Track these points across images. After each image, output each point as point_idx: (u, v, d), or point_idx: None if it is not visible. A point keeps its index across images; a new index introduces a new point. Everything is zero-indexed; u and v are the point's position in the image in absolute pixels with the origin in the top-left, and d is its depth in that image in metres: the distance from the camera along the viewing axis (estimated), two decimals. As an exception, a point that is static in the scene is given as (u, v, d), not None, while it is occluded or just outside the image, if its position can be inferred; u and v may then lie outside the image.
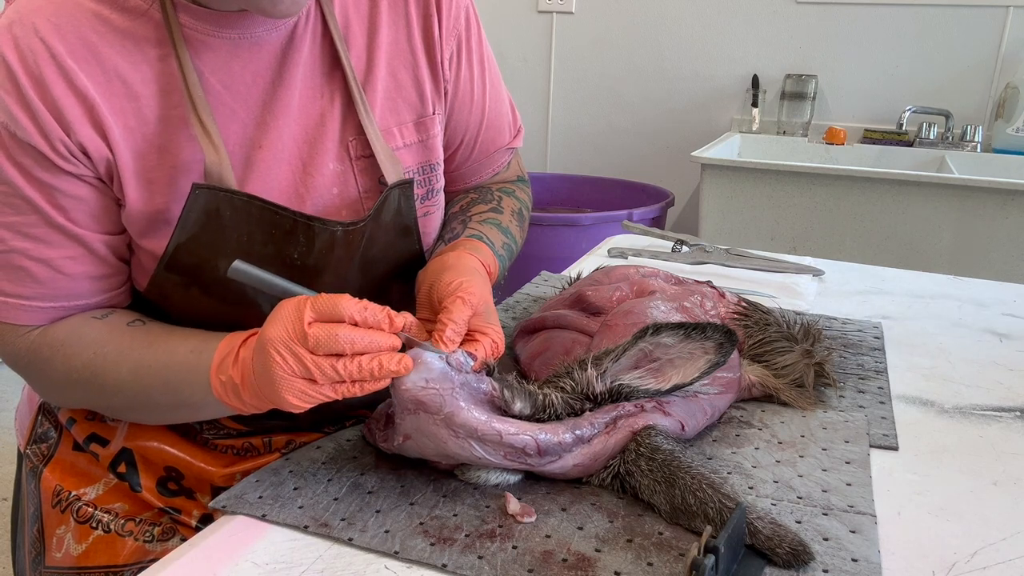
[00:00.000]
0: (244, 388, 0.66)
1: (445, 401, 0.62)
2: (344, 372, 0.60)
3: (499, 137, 0.96)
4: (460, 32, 0.85)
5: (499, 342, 0.70)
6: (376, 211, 0.77)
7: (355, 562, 0.60)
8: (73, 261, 0.73)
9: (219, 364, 0.68)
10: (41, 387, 0.81)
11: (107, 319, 0.76)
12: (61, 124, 0.67)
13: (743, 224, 2.21)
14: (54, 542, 0.86)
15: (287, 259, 0.74)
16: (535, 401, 0.67)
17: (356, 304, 0.61)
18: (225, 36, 0.72)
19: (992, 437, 0.81)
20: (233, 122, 0.74)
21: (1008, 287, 1.28)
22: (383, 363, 0.60)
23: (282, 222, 0.72)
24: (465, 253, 0.80)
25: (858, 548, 0.61)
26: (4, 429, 2.54)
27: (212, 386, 0.68)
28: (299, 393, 0.61)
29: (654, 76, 2.95)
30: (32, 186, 0.69)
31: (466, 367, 0.64)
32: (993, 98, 2.54)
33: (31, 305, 0.74)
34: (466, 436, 0.62)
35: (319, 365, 0.60)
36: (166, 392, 0.72)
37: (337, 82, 0.78)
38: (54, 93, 0.67)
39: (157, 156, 0.72)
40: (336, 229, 0.74)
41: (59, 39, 0.67)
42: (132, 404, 0.77)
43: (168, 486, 0.86)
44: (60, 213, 0.71)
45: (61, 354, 0.75)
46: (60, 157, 0.68)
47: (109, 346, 0.74)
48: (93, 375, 0.74)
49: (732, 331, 0.72)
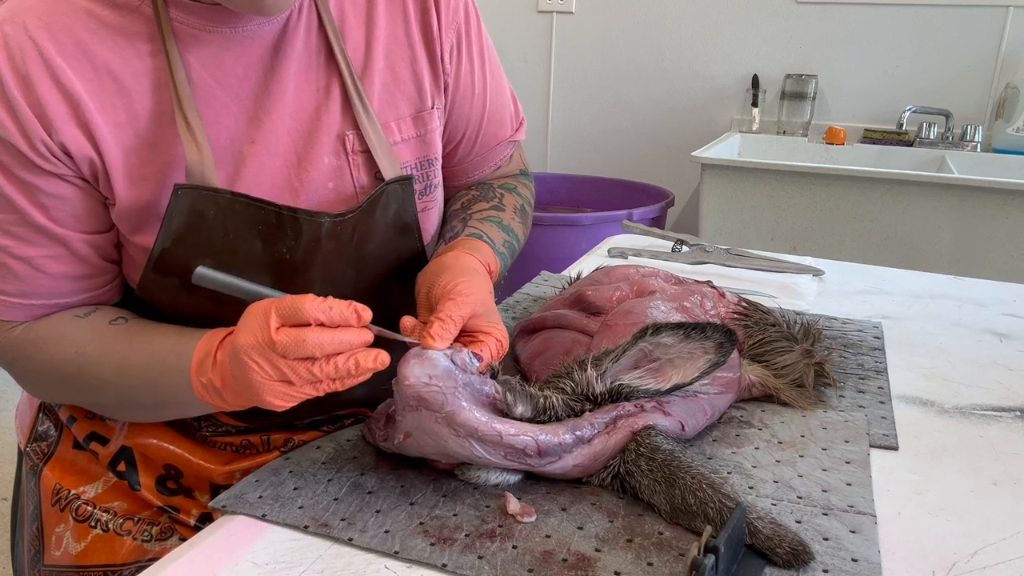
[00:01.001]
0: (225, 390, 0.66)
1: (447, 399, 0.61)
2: (321, 374, 0.60)
3: (501, 130, 0.95)
4: (459, 25, 0.85)
5: (503, 342, 0.70)
6: (369, 205, 0.76)
7: (355, 562, 0.59)
8: (53, 260, 0.73)
9: (198, 366, 0.68)
10: (26, 383, 0.82)
11: (89, 317, 0.76)
12: (43, 123, 0.67)
13: (743, 224, 2.20)
14: (53, 540, 0.86)
15: (276, 255, 0.74)
16: (536, 404, 0.67)
17: (320, 305, 0.60)
18: (217, 31, 0.72)
19: (992, 437, 0.81)
20: (225, 116, 0.74)
21: (1008, 287, 1.28)
22: (359, 361, 0.60)
23: (267, 217, 0.72)
24: (464, 253, 0.79)
25: (858, 548, 0.61)
26: (4, 429, 2.54)
27: (193, 387, 0.68)
28: (279, 394, 0.62)
29: (654, 76, 2.95)
30: (12, 184, 0.69)
31: (471, 367, 0.64)
32: (993, 98, 2.54)
33: (11, 301, 0.74)
34: (466, 435, 0.62)
35: (294, 369, 0.60)
36: (149, 392, 0.73)
37: (333, 75, 0.78)
38: (39, 92, 0.67)
39: (149, 152, 0.72)
40: (323, 220, 0.73)
41: (49, 37, 0.67)
42: (119, 403, 0.77)
43: (167, 485, 0.86)
44: (41, 212, 0.71)
45: (43, 352, 0.75)
46: (40, 157, 0.68)
47: (91, 345, 0.74)
48: (77, 374, 0.74)
49: (732, 331, 0.72)
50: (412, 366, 0.62)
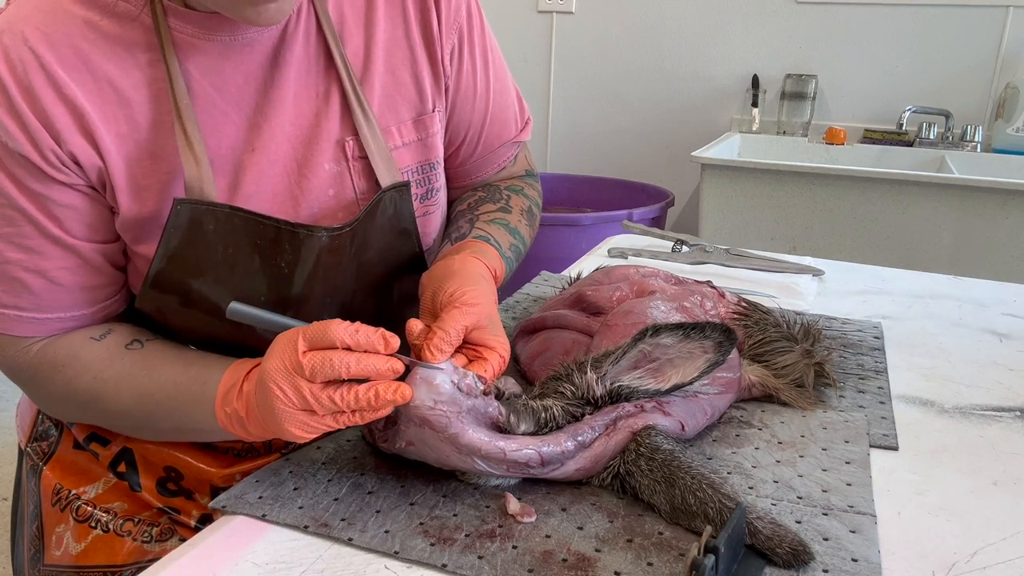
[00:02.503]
0: (249, 420, 0.66)
1: (451, 422, 0.62)
2: (342, 402, 0.60)
3: (504, 131, 0.94)
4: (461, 25, 0.84)
5: (506, 357, 0.70)
6: (366, 216, 0.76)
7: (355, 562, 0.60)
8: (68, 272, 0.73)
9: (224, 396, 0.68)
10: (43, 405, 0.82)
11: (105, 340, 0.76)
12: (51, 133, 0.67)
13: (743, 224, 2.21)
14: (53, 540, 0.86)
15: (275, 268, 0.74)
16: (538, 419, 0.67)
17: (347, 329, 0.60)
18: (216, 39, 0.72)
19: (992, 437, 0.81)
20: (226, 125, 0.74)
21: (1008, 287, 1.28)
22: (380, 392, 0.60)
23: (266, 231, 0.72)
24: (471, 257, 0.78)
25: (858, 548, 0.61)
26: (4, 429, 2.54)
27: (217, 417, 0.69)
28: (301, 424, 0.62)
29: (654, 76, 2.95)
30: (25, 196, 0.69)
31: (476, 391, 0.64)
32: (993, 98, 2.54)
33: (27, 316, 0.73)
34: (469, 453, 0.63)
35: (316, 396, 0.60)
36: (170, 419, 0.73)
37: (333, 80, 0.77)
38: (43, 103, 0.67)
39: (150, 162, 0.71)
40: (321, 235, 0.73)
41: (48, 48, 0.67)
42: (138, 426, 0.77)
43: (167, 486, 0.86)
44: (54, 223, 0.71)
45: (61, 376, 0.75)
46: (51, 167, 0.68)
47: (108, 372, 0.73)
48: (95, 399, 0.74)
49: (731, 330, 0.72)
50: (419, 390, 0.62)
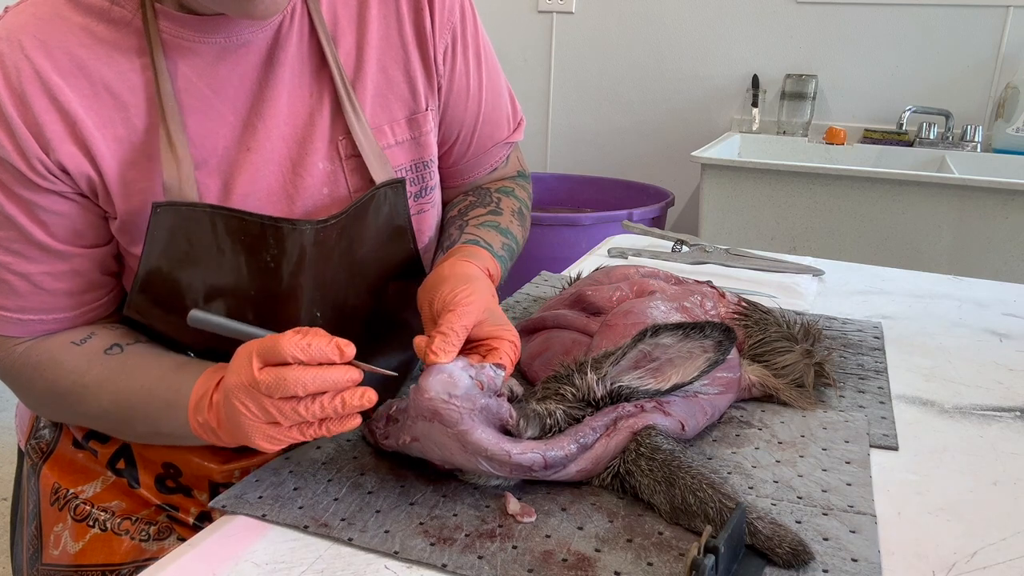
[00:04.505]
0: (220, 430, 0.67)
1: (462, 418, 0.61)
2: (307, 413, 0.60)
3: (497, 132, 0.94)
4: (455, 25, 0.84)
5: (515, 342, 0.69)
6: (357, 210, 0.76)
7: (355, 562, 0.59)
8: (52, 277, 0.73)
9: (196, 405, 0.68)
10: (28, 403, 0.83)
11: (85, 345, 0.76)
12: (40, 143, 0.68)
13: (743, 224, 2.21)
14: (51, 539, 0.86)
15: (261, 264, 0.74)
16: (543, 424, 0.67)
17: (298, 343, 0.59)
18: (211, 41, 0.72)
19: (992, 437, 0.81)
20: (222, 125, 0.74)
21: (1008, 287, 1.28)
22: (346, 400, 0.60)
23: (250, 227, 0.72)
24: (461, 260, 0.78)
25: (858, 548, 0.61)
26: (4, 429, 2.54)
27: (191, 426, 0.69)
28: (267, 437, 0.62)
29: (654, 76, 2.95)
30: (12, 202, 0.69)
31: (497, 381, 0.64)
32: (993, 98, 2.55)
33: (10, 317, 0.74)
34: (474, 453, 0.62)
35: (280, 409, 0.60)
36: (147, 424, 0.73)
37: (326, 80, 0.78)
38: (35, 111, 0.67)
39: (145, 164, 0.72)
40: (305, 228, 0.73)
41: (45, 55, 0.67)
42: (118, 429, 0.78)
43: (166, 483, 0.86)
44: (41, 229, 0.71)
45: (41, 377, 0.75)
46: (38, 175, 0.69)
47: (88, 376, 0.74)
48: (77, 402, 0.75)
49: (730, 329, 0.72)
50: (435, 381, 0.61)
